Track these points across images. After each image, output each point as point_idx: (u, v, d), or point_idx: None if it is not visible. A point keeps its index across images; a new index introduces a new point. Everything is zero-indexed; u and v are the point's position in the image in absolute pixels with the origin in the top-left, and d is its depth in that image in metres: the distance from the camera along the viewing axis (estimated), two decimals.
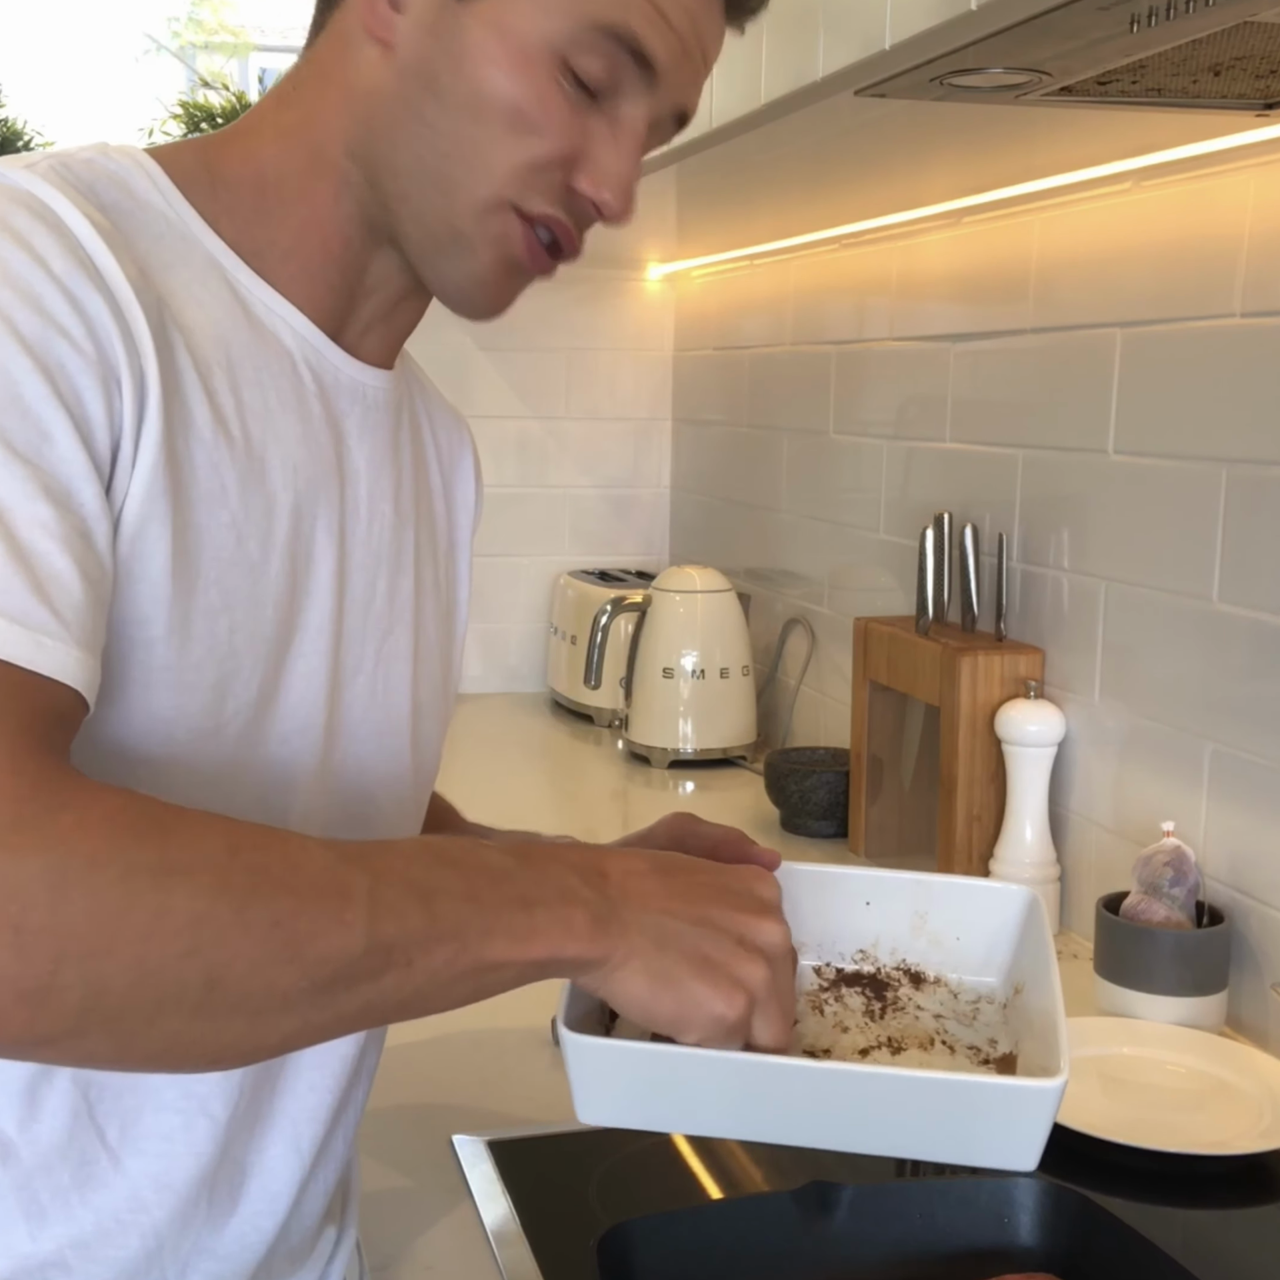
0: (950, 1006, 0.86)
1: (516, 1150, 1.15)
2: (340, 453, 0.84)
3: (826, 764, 2.06)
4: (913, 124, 1.37)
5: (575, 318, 2.86)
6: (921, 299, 2.03)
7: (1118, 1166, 1.13)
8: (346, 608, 0.84)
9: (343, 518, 0.83)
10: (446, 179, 0.78)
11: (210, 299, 0.77)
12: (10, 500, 0.63)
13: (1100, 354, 1.61)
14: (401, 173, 0.79)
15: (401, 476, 0.90)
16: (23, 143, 8.69)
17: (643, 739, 2.42)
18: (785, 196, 1.96)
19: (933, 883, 0.89)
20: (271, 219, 0.80)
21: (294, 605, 0.80)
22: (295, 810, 0.82)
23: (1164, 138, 1.43)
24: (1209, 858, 1.45)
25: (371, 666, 0.87)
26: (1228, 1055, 1.29)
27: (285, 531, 0.79)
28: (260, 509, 0.77)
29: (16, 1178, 0.77)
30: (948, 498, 1.92)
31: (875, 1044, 0.82)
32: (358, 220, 0.81)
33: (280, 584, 0.79)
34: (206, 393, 0.74)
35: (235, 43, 14.98)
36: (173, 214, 0.77)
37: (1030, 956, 0.85)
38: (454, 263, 0.80)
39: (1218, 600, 1.45)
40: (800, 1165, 1.13)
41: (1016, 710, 1.66)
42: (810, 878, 0.87)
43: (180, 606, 0.73)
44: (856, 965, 0.88)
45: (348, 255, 0.82)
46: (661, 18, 0.77)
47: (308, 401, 0.81)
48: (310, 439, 0.81)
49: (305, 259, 0.81)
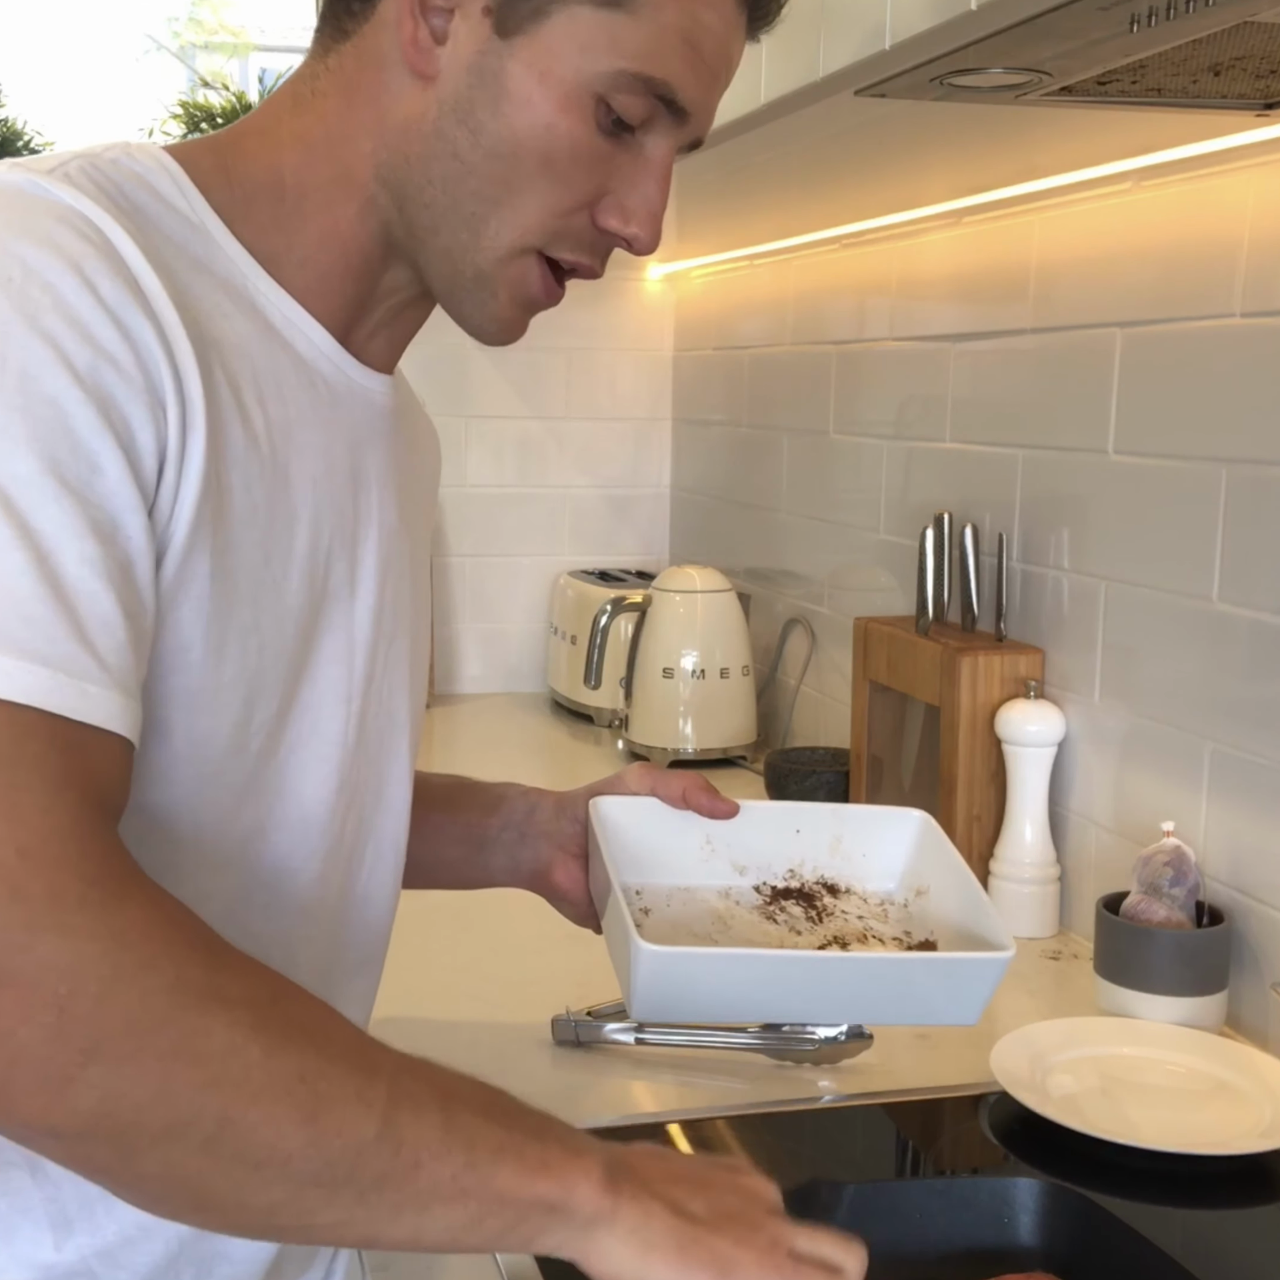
0: (865, 909, 1.05)
1: None
2: (354, 462, 0.84)
3: (826, 764, 2.06)
4: (913, 124, 1.37)
5: (575, 318, 2.85)
6: (921, 299, 2.03)
7: (1118, 1166, 1.13)
8: (359, 618, 0.85)
9: (355, 527, 0.84)
10: (476, 218, 0.78)
11: (233, 309, 0.77)
12: (60, 538, 0.63)
13: (1100, 354, 1.61)
14: (432, 207, 0.79)
15: (403, 481, 0.91)
16: (23, 143, 8.68)
17: (643, 739, 2.42)
18: (785, 196, 1.96)
19: (846, 812, 1.10)
20: (289, 226, 0.80)
21: (312, 619, 0.81)
22: (313, 819, 0.83)
23: (1164, 138, 1.43)
24: (1209, 858, 1.45)
25: (380, 672, 0.87)
26: (1228, 1055, 1.29)
27: (304, 545, 0.79)
28: (283, 524, 0.77)
29: (46, 1190, 0.76)
30: (948, 498, 1.92)
31: (827, 941, 1.00)
32: (379, 239, 0.82)
33: (299, 598, 0.79)
34: (240, 409, 0.74)
35: (235, 43, 14.98)
36: (195, 218, 0.77)
37: (930, 864, 1.05)
38: (474, 299, 0.82)
39: (1218, 600, 1.45)
40: (800, 1165, 1.14)
41: (1016, 710, 1.66)
42: (754, 812, 1.06)
43: (217, 627, 0.73)
44: (786, 882, 1.07)
45: (366, 269, 0.82)
46: (699, 58, 0.77)
47: (324, 412, 0.81)
48: (328, 450, 0.81)
49: (324, 270, 0.81)
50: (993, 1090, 1.23)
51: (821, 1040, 1.30)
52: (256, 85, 11.06)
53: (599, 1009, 1.36)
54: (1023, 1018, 1.39)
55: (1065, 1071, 1.27)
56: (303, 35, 0.85)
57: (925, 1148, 1.25)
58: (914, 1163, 1.24)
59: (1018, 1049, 1.27)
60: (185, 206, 0.77)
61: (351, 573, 0.84)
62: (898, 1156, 1.25)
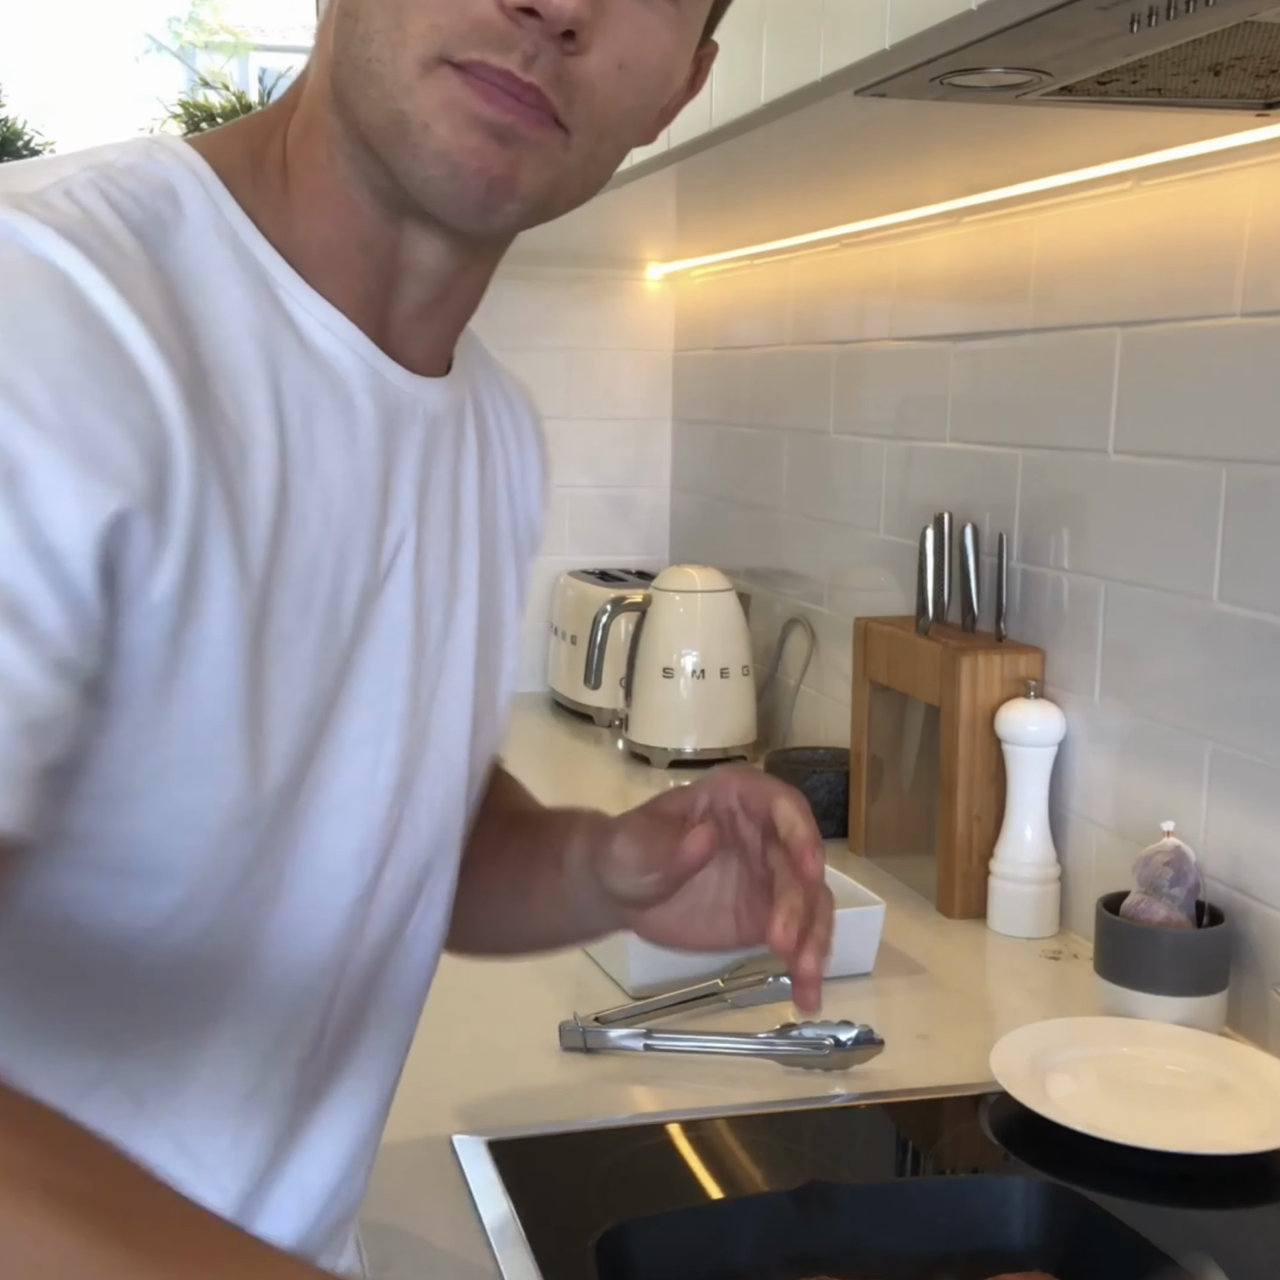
0: None
1: (516, 1150, 1.15)
2: (389, 484, 0.76)
3: (826, 764, 2.06)
4: (913, 124, 1.37)
5: (575, 318, 2.86)
6: (921, 299, 2.03)
7: (1117, 1166, 1.13)
8: (398, 654, 0.78)
9: (380, 556, 0.76)
10: (375, 62, 0.68)
11: (259, 322, 0.70)
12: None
13: (1100, 354, 1.61)
14: (348, 86, 0.70)
15: (461, 494, 0.82)
16: (23, 142, 8.68)
17: (643, 739, 2.42)
18: (785, 196, 1.96)
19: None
20: (290, 199, 0.74)
21: (338, 665, 0.74)
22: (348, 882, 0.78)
23: (1164, 138, 1.43)
24: (1209, 858, 1.45)
25: (426, 708, 0.81)
26: (1228, 1055, 1.29)
27: (325, 590, 0.72)
28: (297, 572, 0.70)
29: None
30: (948, 498, 1.92)
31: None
32: (354, 181, 0.73)
33: (319, 647, 0.72)
34: (242, 457, 0.67)
35: (235, 43, 14.97)
36: (222, 221, 0.70)
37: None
38: (414, 152, 0.68)
39: (1218, 600, 1.45)
40: (800, 1165, 1.14)
41: (1016, 710, 1.66)
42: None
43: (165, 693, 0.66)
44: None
45: (362, 227, 0.74)
46: None
47: (359, 433, 0.74)
48: (353, 475, 0.73)
49: (325, 241, 0.74)
50: (993, 1090, 1.22)
51: (832, 1045, 1.30)
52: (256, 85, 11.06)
53: (606, 1014, 1.36)
54: (1023, 1018, 1.39)
55: (1065, 1071, 1.27)
56: (303, 35, 0.82)
57: (925, 1148, 1.25)
58: (914, 1163, 1.24)
59: (1018, 1049, 1.27)
60: (210, 210, 0.70)
61: (384, 607, 0.76)
62: (898, 1156, 1.25)
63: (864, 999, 1.48)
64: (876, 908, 1.54)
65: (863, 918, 1.53)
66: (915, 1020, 1.43)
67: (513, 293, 2.73)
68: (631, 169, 1.60)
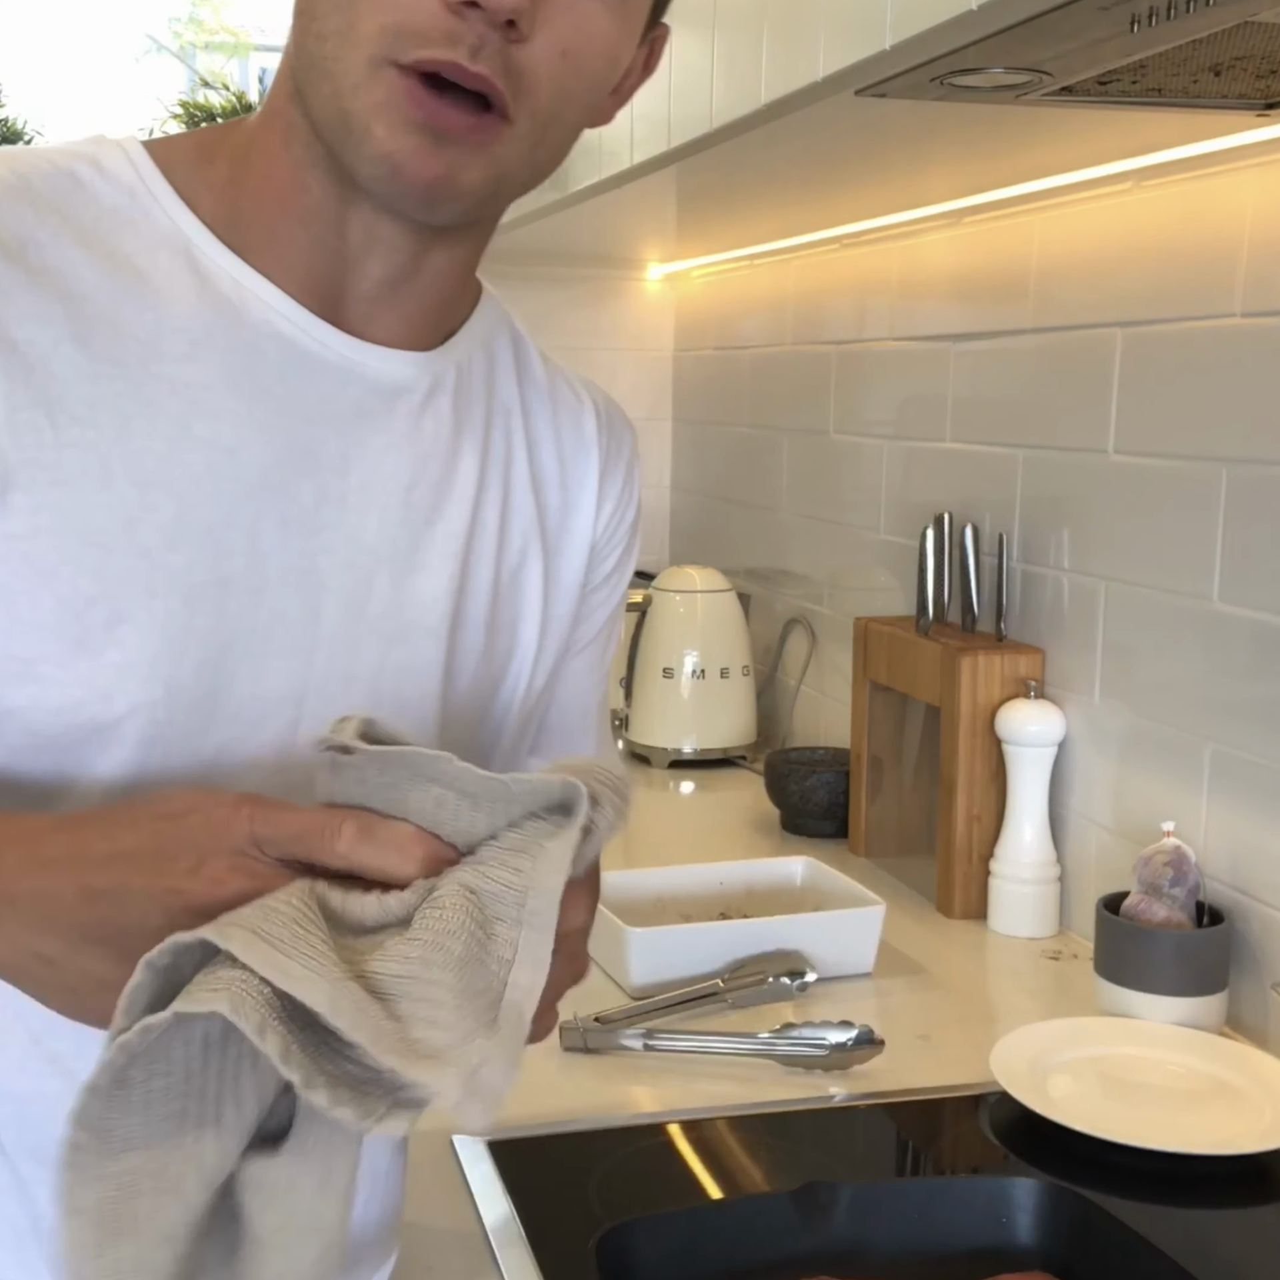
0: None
1: (516, 1150, 1.15)
2: (312, 436, 0.77)
3: (826, 764, 2.06)
4: (913, 124, 1.37)
5: (575, 318, 2.85)
6: (921, 299, 2.03)
7: (1117, 1166, 1.13)
8: (318, 605, 0.77)
9: (317, 505, 0.77)
10: (328, 60, 0.71)
11: (149, 264, 0.74)
12: None
13: (1100, 354, 1.61)
14: (301, 76, 0.73)
15: (424, 467, 0.81)
16: (23, 142, 8.68)
17: (643, 739, 2.42)
18: (785, 196, 1.96)
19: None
20: (239, 183, 0.76)
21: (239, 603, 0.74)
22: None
23: (1164, 138, 1.43)
24: (1209, 858, 1.45)
25: (374, 674, 0.79)
26: (1228, 1055, 1.29)
27: (205, 512, 0.73)
28: (160, 489, 0.72)
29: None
30: (948, 498, 1.92)
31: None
32: (307, 164, 0.75)
33: (193, 571, 0.73)
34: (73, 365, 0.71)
35: (235, 43, 14.96)
36: (142, 187, 0.75)
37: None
38: (357, 151, 0.71)
39: (1218, 600, 1.45)
40: (800, 1165, 1.14)
41: (1016, 710, 1.66)
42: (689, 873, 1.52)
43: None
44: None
45: (307, 205, 0.75)
46: None
47: (258, 372, 0.75)
48: (249, 415, 0.75)
49: (268, 220, 0.76)
50: (993, 1090, 1.23)
51: (832, 1046, 1.30)
52: (256, 85, 11.05)
53: (607, 1015, 1.36)
54: (1023, 1018, 1.39)
55: (1065, 1071, 1.27)
56: None
57: (925, 1148, 1.25)
58: (914, 1163, 1.24)
59: (1018, 1049, 1.27)
60: (131, 178, 0.75)
61: (304, 558, 0.76)
62: (898, 1156, 1.25)
63: (864, 999, 1.48)
64: (876, 908, 1.53)
65: (863, 918, 1.52)
66: (915, 1020, 1.43)
67: (513, 293, 2.71)
68: (631, 169, 1.60)
